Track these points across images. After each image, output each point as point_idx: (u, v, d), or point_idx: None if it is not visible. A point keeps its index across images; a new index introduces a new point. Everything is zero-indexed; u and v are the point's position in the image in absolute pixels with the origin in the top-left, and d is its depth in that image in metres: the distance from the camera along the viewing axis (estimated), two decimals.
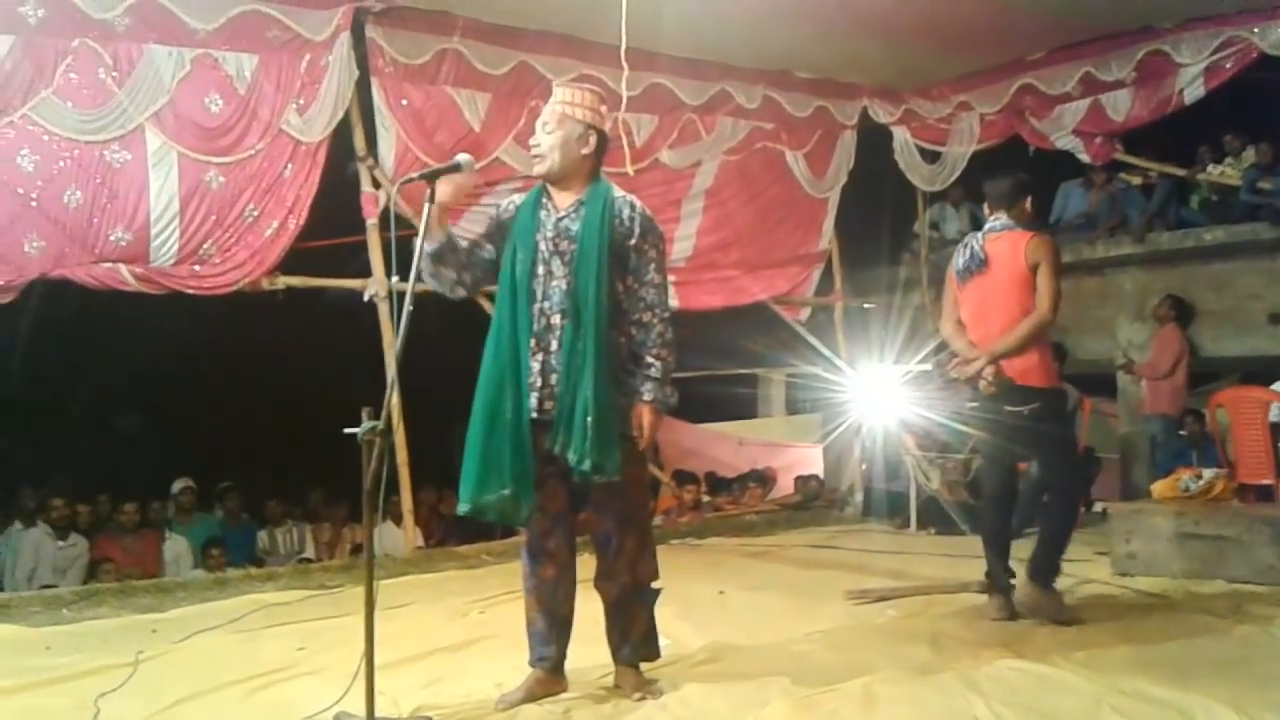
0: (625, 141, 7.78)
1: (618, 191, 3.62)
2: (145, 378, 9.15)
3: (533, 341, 3.50)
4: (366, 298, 6.95)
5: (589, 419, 3.40)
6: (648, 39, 7.40)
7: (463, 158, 3.61)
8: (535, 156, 3.60)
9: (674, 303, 8.33)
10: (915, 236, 10.08)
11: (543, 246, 3.55)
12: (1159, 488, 5.96)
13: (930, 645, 4.16)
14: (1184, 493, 5.66)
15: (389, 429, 3.33)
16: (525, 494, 3.47)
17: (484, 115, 7.42)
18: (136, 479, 8.55)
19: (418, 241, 3.56)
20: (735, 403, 12.64)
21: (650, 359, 3.55)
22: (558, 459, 3.50)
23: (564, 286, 3.51)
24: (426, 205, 3.53)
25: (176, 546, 7.92)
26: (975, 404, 4.71)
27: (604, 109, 3.65)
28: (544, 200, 3.62)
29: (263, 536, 8.54)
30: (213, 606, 5.44)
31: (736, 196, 8.77)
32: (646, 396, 3.53)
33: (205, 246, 6.64)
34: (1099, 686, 3.47)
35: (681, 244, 8.54)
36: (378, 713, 3.28)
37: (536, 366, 3.50)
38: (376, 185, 7.05)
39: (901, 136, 9.40)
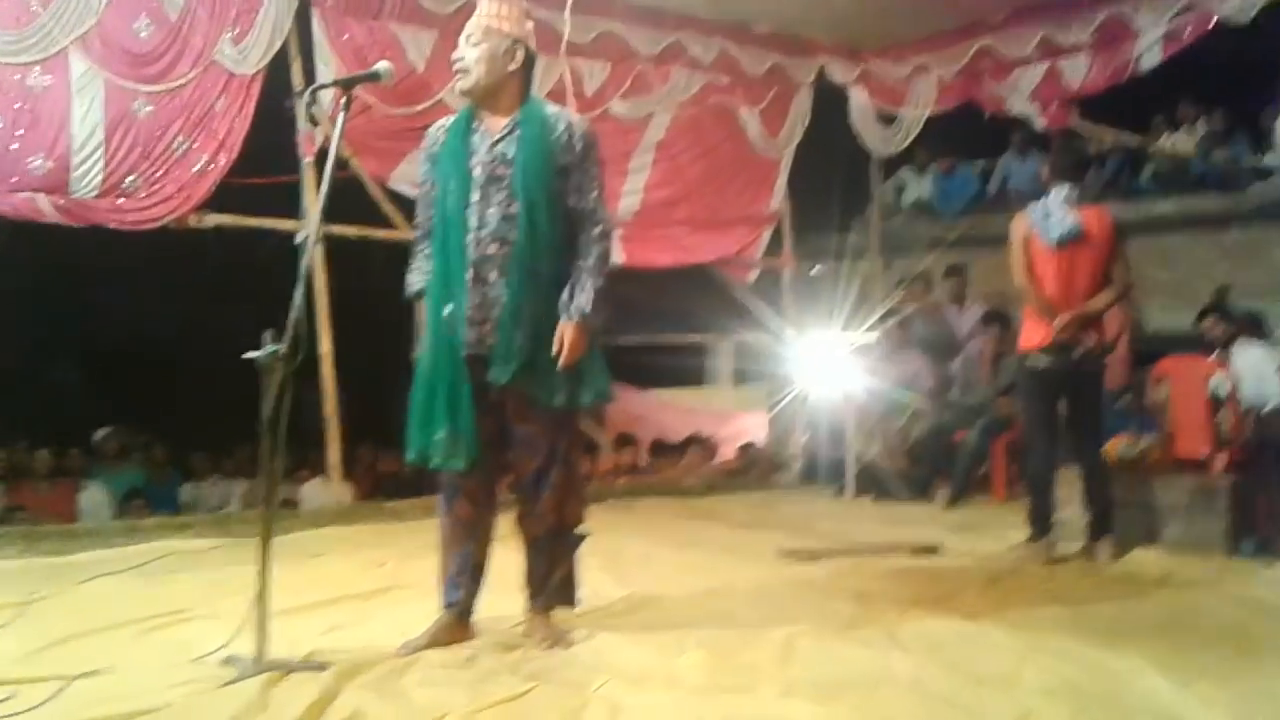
0: (571, 91, 7.60)
1: (551, 108, 3.45)
2: (72, 318, 8.84)
3: (470, 273, 3.32)
4: (298, 240, 6.72)
5: (543, 351, 3.30)
6: None
7: (382, 65, 3.42)
8: (458, 72, 3.41)
9: (619, 259, 8.30)
10: (869, 201, 9.95)
11: (477, 173, 3.36)
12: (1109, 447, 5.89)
13: (857, 602, 4.05)
14: (1119, 460, 5.58)
15: (293, 354, 3.14)
16: (465, 436, 3.33)
17: (428, 54, 7.17)
18: (62, 425, 8.29)
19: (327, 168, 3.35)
20: (682, 371, 12.52)
21: (585, 275, 3.38)
22: (490, 393, 3.34)
23: (501, 214, 3.33)
24: (341, 114, 3.33)
25: (95, 496, 7.67)
26: (1049, 361, 5.05)
27: (530, 26, 3.47)
28: (474, 124, 3.43)
29: (187, 489, 8.31)
30: (121, 552, 5.20)
31: (688, 151, 8.57)
32: (571, 312, 3.35)
33: (130, 179, 6.36)
34: (1025, 644, 3.37)
35: (629, 199, 8.34)
36: (270, 655, 3.12)
37: (476, 299, 3.33)
38: (314, 122, 6.78)
39: (858, 98, 9.24)
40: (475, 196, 3.34)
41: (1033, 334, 5.11)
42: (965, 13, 8.37)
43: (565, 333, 3.33)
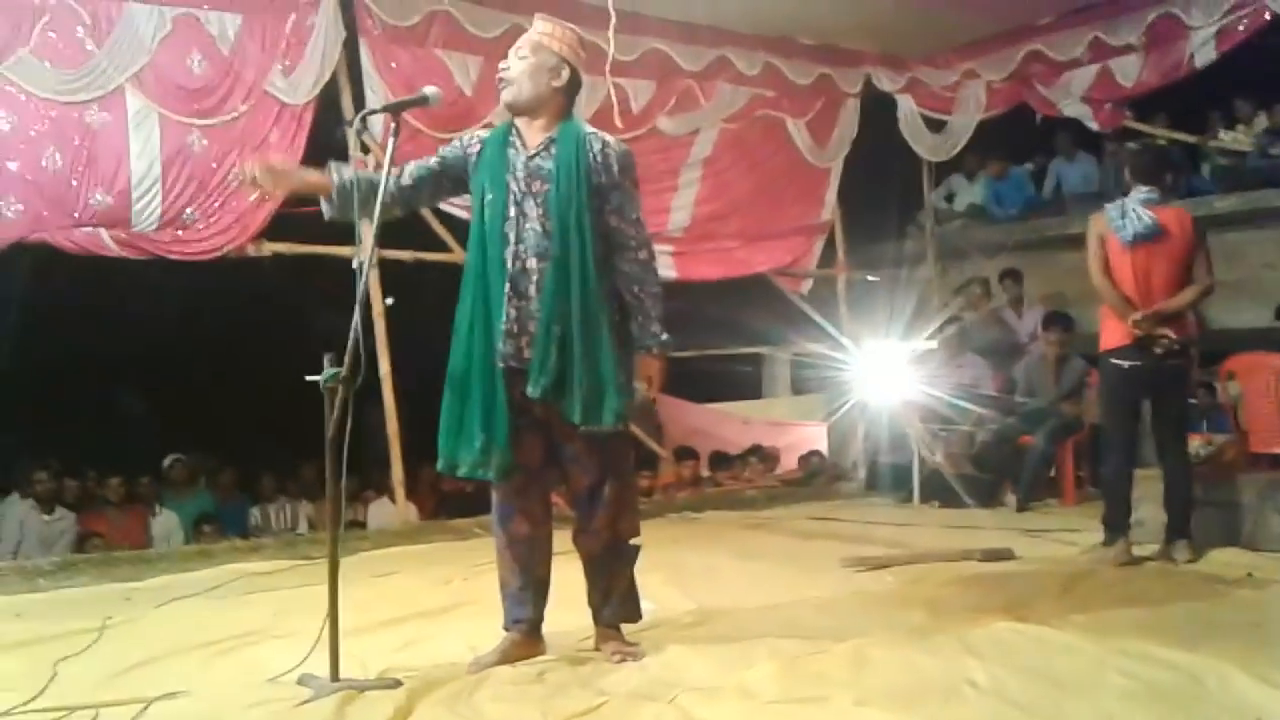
0: (618, 109, 7.62)
1: (588, 128, 3.45)
2: (138, 348, 8.99)
3: (507, 287, 3.33)
4: (355, 265, 6.78)
5: (583, 368, 3.28)
6: (644, 2, 7.24)
7: (430, 90, 3.44)
8: (502, 81, 3.43)
9: (671, 274, 8.31)
10: (921, 208, 9.87)
11: (514, 187, 3.37)
12: None
13: (927, 610, 3.99)
14: (1195, 459, 5.47)
15: (354, 375, 3.16)
16: (498, 446, 3.32)
17: (475, 79, 7.24)
18: (131, 453, 8.42)
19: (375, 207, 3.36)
20: (740, 383, 12.46)
21: (648, 302, 3.42)
22: (534, 409, 3.34)
23: (539, 229, 3.34)
24: (391, 140, 3.36)
25: (167, 522, 7.78)
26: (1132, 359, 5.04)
27: (582, 53, 3.49)
28: (511, 138, 3.44)
29: (255, 513, 8.41)
30: (193, 576, 5.29)
31: (736, 165, 8.57)
32: (650, 344, 3.42)
33: (188, 211, 6.47)
34: (1103, 649, 3.29)
35: (678, 214, 8.35)
36: (343, 674, 3.14)
37: (513, 313, 3.33)
38: (365, 150, 6.86)
39: (906, 105, 9.19)
40: (512, 211, 3.35)
41: (1113, 333, 5.07)
42: (1012, 17, 8.30)
43: (648, 366, 3.43)
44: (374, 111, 6.03)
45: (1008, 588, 4.39)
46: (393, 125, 3.40)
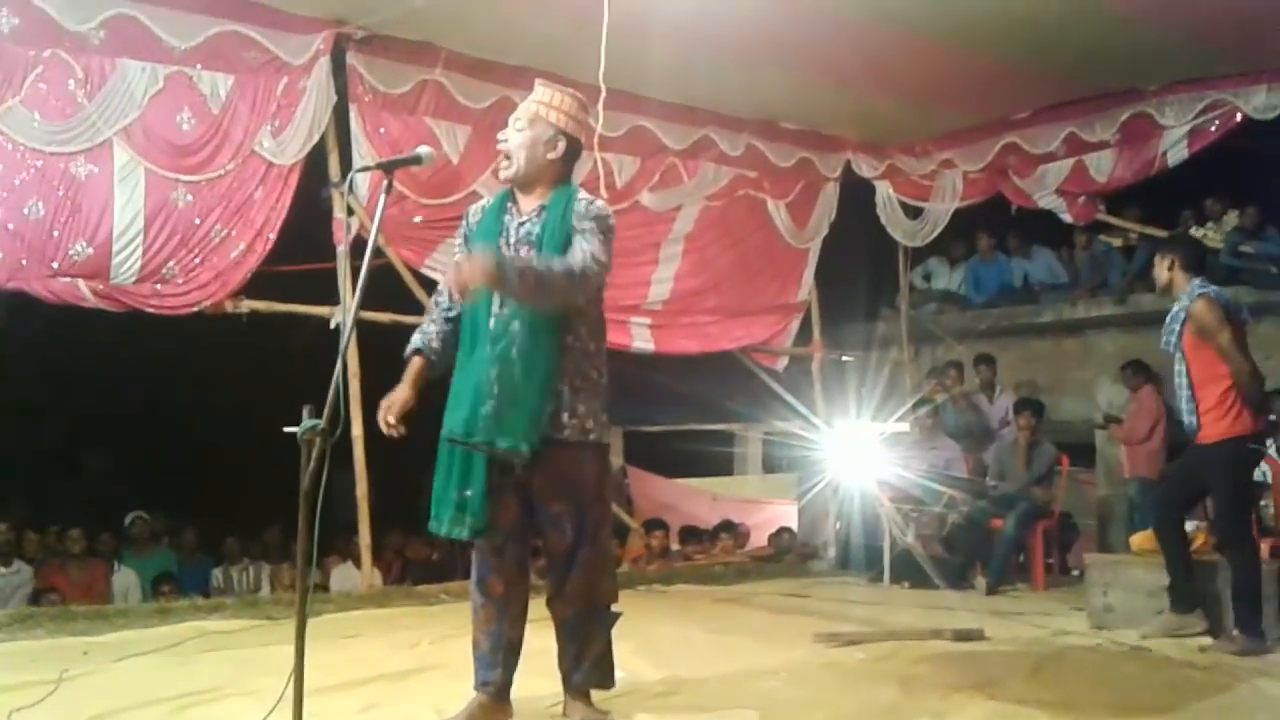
0: (603, 183, 7.72)
1: (583, 194, 3.47)
2: (105, 403, 8.92)
3: (488, 348, 3.34)
4: (333, 325, 6.80)
5: (523, 399, 3.27)
6: (632, 81, 7.39)
7: (423, 150, 3.45)
8: (500, 154, 3.46)
9: (649, 346, 8.37)
10: (897, 291, 10.00)
11: (505, 252, 3.40)
12: (1138, 540, 5.82)
13: (899, 686, 3.95)
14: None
15: (332, 428, 3.14)
16: (473, 503, 3.30)
17: (462, 148, 7.34)
18: (93, 508, 8.31)
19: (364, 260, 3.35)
20: (711, 460, 12.48)
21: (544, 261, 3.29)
22: (516, 470, 3.32)
23: None
24: (382, 196, 3.37)
25: (126, 579, 7.66)
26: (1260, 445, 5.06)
27: (583, 116, 3.50)
28: (509, 205, 3.48)
29: (217, 574, 8.28)
30: (152, 633, 5.17)
31: (717, 242, 8.70)
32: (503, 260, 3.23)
33: (169, 266, 6.47)
34: None
35: (658, 287, 8.43)
36: None
37: (494, 373, 3.34)
38: (350, 212, 6.91)
39: (884, 191, 9.38)
40: None
41: (1246, 419, 4.87)
42: (989, 110, 8.52)
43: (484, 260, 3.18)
44: (367, 168, 6.06)
45: (979, 667, 4.37)
46: (385, 184, 3.40)
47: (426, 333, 3.53)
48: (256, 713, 3.21)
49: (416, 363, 3.50)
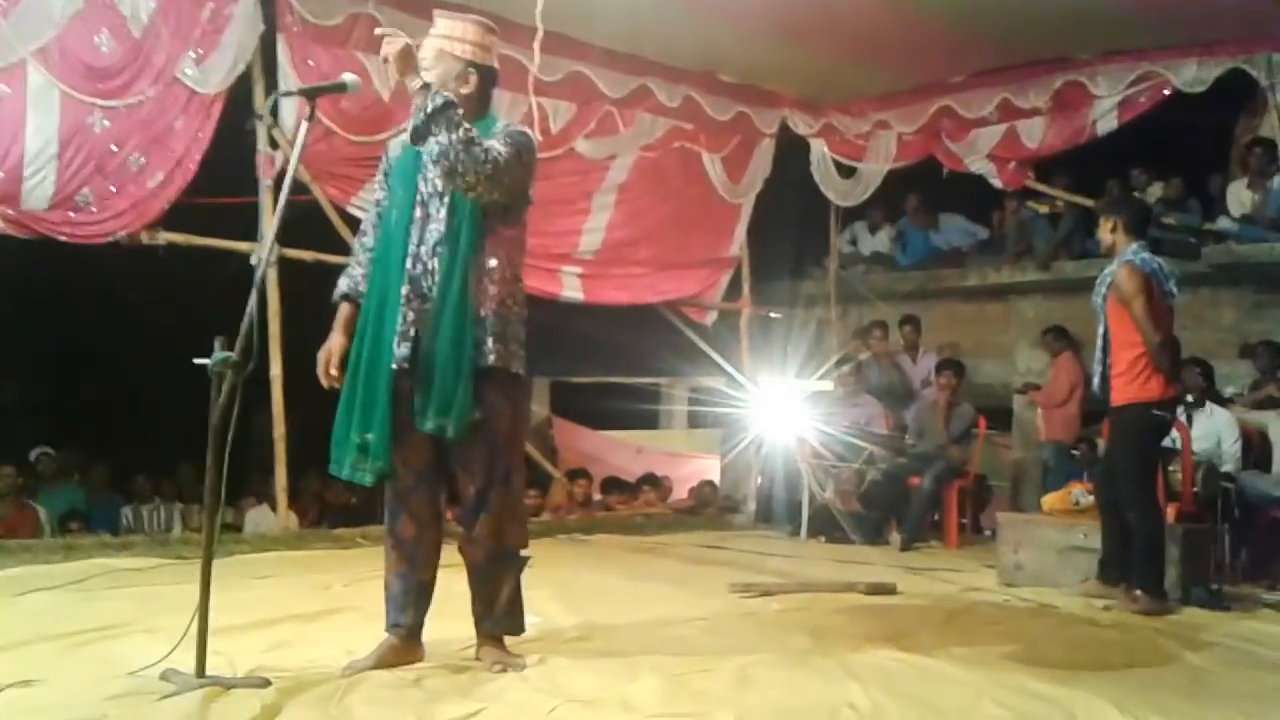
0: (538, 127, 7.60)
1: (503, 123, 3.38)
2: (15, 334, 8.61)
3: (406, 288, 3.27)
4: (254, 261, 6.63)
5: (443, 373, 3.21)
6: (571, 25, 7.25)
7: (348, 77, 3.36)
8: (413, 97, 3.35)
9: (579, 296, 8.30)
10: (827, 252, 10.04)
11: (423, 187, 3.31)
12: (1049, 500, 5.94)
13: (811, 635, 4.00)
14: (1074, 506, 5.62)
15: (244, 362, 3.06)
16: (377, 449, 3.25)
17: (393, 84, 7.11)
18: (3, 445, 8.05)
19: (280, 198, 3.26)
20: (637, 415, 12.48)
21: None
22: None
23: (443, 229, 3.28)
24: (304, 124, 3.27)
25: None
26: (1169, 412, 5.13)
27: (490, 41, 3.37)
28: None
29: (127, 513, 8.10)
30: (57, 569, 5.05)
31: (650, 194, 8.63)
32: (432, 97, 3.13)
33: (83, 193, 6.24)
34: (981, 680, 3.33)
35: (590, 236, 8.36)
36: (210, 671, 3.01)
37: (410, 315, 3.26)
38: (274, 144, 6.72)
39: (819, 149, 9.38)
40: (418, 213, 3.30)
41: (1154, 386, 4.93)
42: (926, 73, 8.54)
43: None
44: (290, 94, 5.88)
45: (891, 619, 4.44)
46: (307, 110, 3.30)
47: (353, 276, 3.45)
48: (159, 649, 3.15)
49: (346, 309, 3.43)
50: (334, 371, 3.33)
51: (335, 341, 3.39)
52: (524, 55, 7.05)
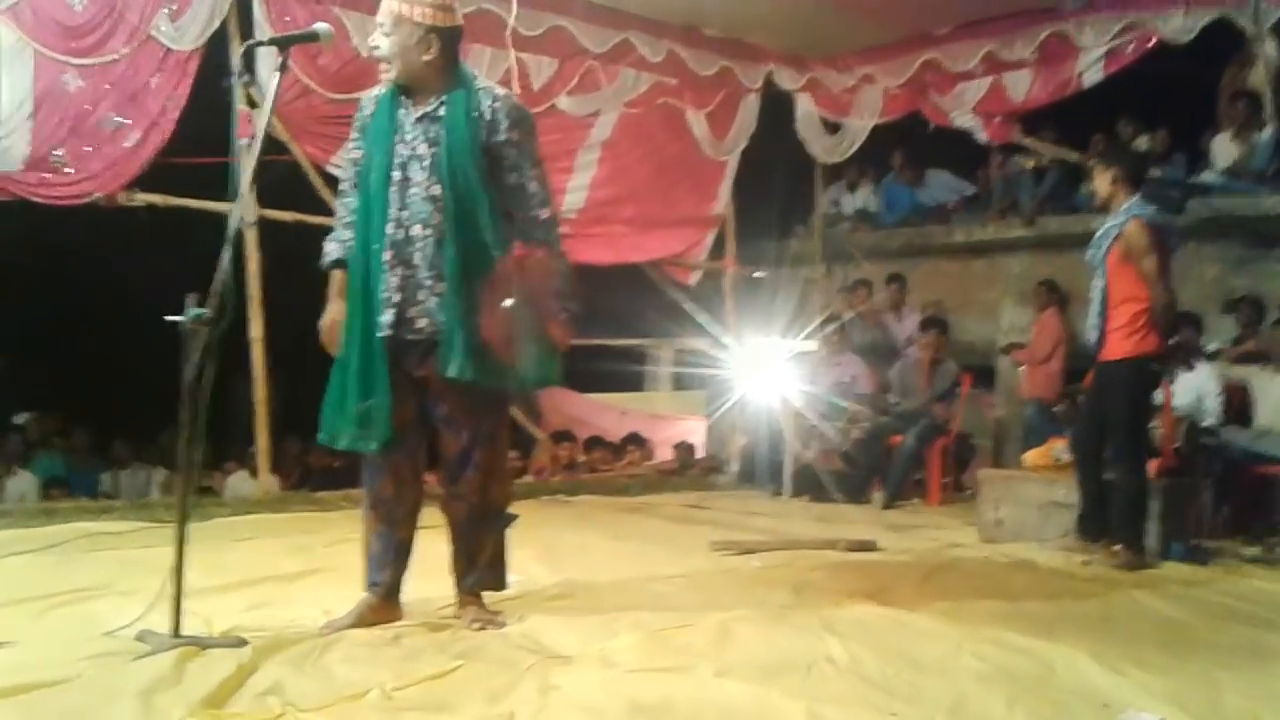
0: (518, 84, 7.51)
1: (481, 83, 3.32)
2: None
3: (389, 255, 3.22)
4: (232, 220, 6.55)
5: (466, 325, 3.18)
6: None
7: (321, 26, 3.29)
8: (379, 62, 3.29)
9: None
10: (812, 210, 9.99)
11: (401, 150, 3.25)
12: (1031, 457, 5.96)
13: (792, 591, 4.01)
14: (1056, 462, 5.62)
15: (218, 318, 3.02)
16: (379, 417, 3.23)
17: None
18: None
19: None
20: (622, 377, 12.44)
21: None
22: (412, 370, 3.27)
23: (424, 194, 3.22)
24: (277, 75, 3.21)
25: (22, 484, 7.41)
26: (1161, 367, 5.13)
27: (449, 3, 3.27)
28: (401, 99, 3.29)
29: (106, 479, 8.07)
30: (35, 532, 5.03)
31: (634, 151, 8.56)
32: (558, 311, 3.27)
33: (58, 153, 6.18)
34: (960, 633, 3.33)
35: (573, 195, 8.30)
36: (186, 631, 2.99)
37: (395, 281, 3.22)
38: (252, 104, 6.62)
39: (805, 105, 9.31)
40: (397, 175, 3.23)
41: (1152, 340, 4.92)
42: (911, 26, 8.46)
43: (555, 330, 3.25)
44: (260, 43, 5.75)
45: (871, 575, 4.44)
46: (280, 61, 3.23)
47: (342, 240, 3.38)
48: (136, 610, 3.13)
49: (340, 275, 3.37)
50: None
51: (336, 309, 3.34)
52: (503, 9, 7.02)
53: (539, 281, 3.26)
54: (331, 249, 3.40)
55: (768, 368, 7.87)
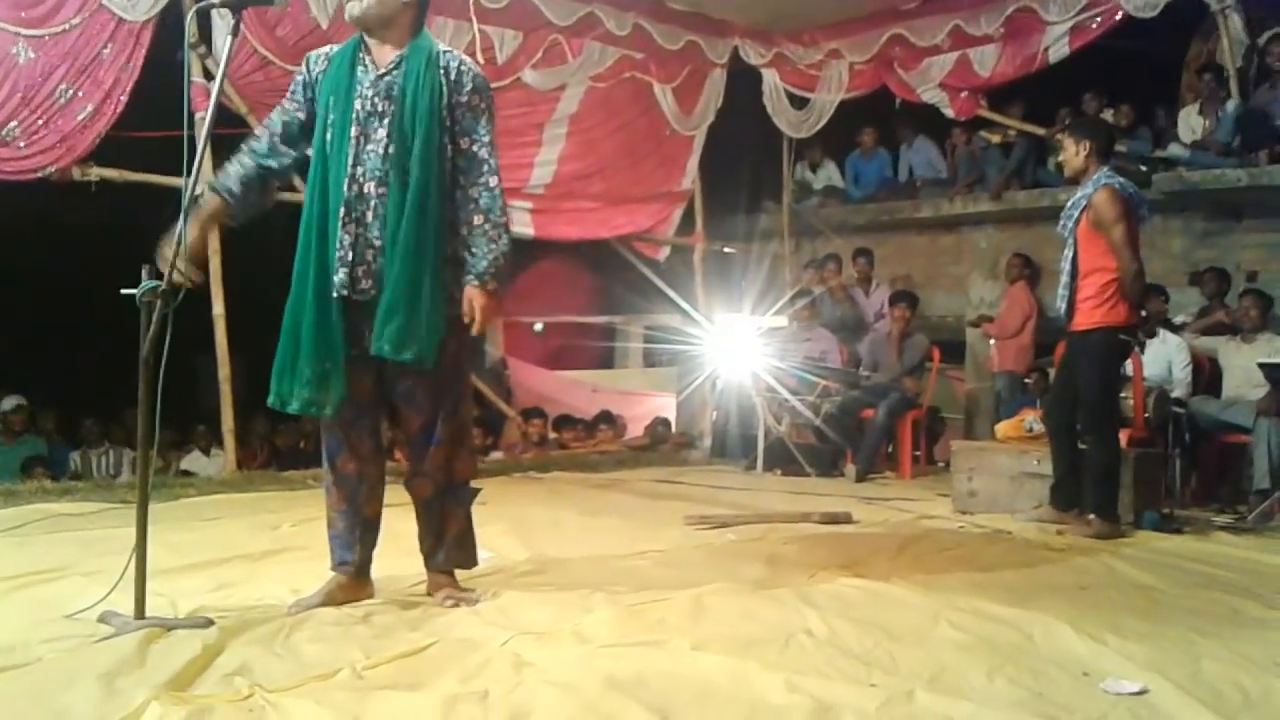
0: (482, 57, 7.39)
1: (442, 46, 3.25)
2: None
3: (343, 211, 3.12)
4: (196, 194, 6.40)
5: (413, 302, 3.08)
6: None
7: None
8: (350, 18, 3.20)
9: (529, 232, 8.14)
10: (780, 185, 9.94)
11: (359, 106, 3.15)
12: (1003, 428, 5.97)
13: (766, 565, 3.98)
14: (1027, 433, 5.63)
15: (174, 291, 2.93)
16: (335, 380, 3.13)
17: (332, 13, 6.90)
18: None
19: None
20: (592, 353, 12.39)
21: (486, 231, 3.19)
22: (366, 341, 3.15)
23: (381, 151, 3.13)
24: (229, 39, 3.12)
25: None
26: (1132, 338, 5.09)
27: None
28: (361, 55, 3.20)
29: (75, 459, 7.92)
30: None
31: (601, 125, 8.48)
32: (476, 278, 3.17)
33: (9, 127, 6.01)
34: (937, 603, 3.32)
35: (541, 170, 8.20)
36: (151, 613, 2.92)
37: (348, 240, 3.13)
38: (208, 76, 6.47)
39: (771, 80, 9.26)
40: (354, 132, 3.14)
41: (1121, 310, 4.90)
42: (878, 1, 8.41)
43: (475, 298, 3.15)
44: (213, 5, 5.59)
45: (846, 547, 4.43)
46: (232, 24, 3.13)
47: (228, 172, 3.22)
48: (98, 592, 3.05)
49: (215, 202, 3.22)
50: (181, 266, 2.94)
51: (191, 233, 3.03)
52: None
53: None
54: (219, 175, 3.23)
55: (738, 343, 7.84)
